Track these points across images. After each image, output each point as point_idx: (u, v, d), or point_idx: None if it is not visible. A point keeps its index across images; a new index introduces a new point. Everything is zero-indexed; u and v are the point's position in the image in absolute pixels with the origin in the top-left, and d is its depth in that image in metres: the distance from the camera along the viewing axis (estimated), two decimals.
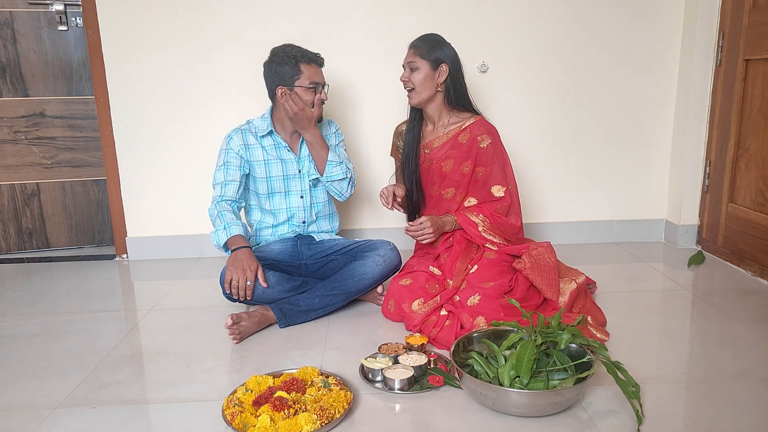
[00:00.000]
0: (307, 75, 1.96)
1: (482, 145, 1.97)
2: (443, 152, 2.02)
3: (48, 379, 1.60)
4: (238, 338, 1.77)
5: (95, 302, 2.18)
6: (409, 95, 2.00)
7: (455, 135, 2.00)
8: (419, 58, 1.95)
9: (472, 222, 1.95)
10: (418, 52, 1.96)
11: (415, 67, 1.95)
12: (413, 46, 1.98)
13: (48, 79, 2.71)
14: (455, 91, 1.99)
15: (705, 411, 1.37)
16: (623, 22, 2.57)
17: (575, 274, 1.97)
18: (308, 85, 1.96)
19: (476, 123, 2.00)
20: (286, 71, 1.96)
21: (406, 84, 1.98)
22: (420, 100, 1.98)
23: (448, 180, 2.02)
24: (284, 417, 1.29)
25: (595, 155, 2.71)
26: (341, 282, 1.95)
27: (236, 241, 1.92)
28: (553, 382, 1.36)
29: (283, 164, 2.07)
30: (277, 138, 2.07)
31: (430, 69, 1.95)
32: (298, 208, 2.12)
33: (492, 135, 1.99)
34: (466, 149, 1.99)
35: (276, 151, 2.07)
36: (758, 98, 2.27)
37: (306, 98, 1.98)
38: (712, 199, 2.56)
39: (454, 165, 2.00)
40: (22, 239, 2.85)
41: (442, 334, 1.72)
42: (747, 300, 2.03)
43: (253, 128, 2.08)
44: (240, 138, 2.05)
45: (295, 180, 2.10)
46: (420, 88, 1.96)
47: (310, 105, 1.98)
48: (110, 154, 2.61)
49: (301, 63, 1.96)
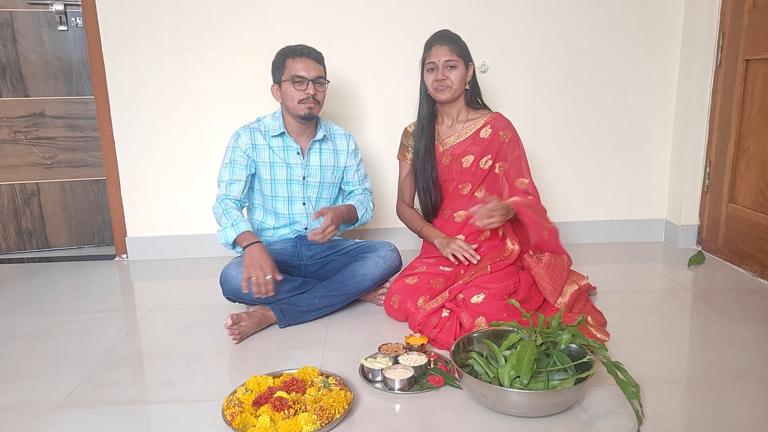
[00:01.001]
0: (290, 68, 1.93)
1: (504, 139, 1.99)
2: (463, 148, 2.02)
3: (48, 379, 1.60)
4: (238, 338, 1.77)
5: (95, 302, 2.18)
6: (440, 92, 1.95)
7: (477, 131, 2.01)
8: (457, 56, 1.94)
9: (527, 213, 1.86)
10: (455, 50, 1.94)
11: (454, 65, 1.94)
12: (446, 44, 1.95)
13: (48, 79, 2.70)
14: (476, 87, 2.03)
15: (705, 411, 1.37)
16: (623, 22, 2.57)
17: (578, 277, 1.97)
18: (291, 79, 1.92)
19: (497, 118, 2.02)
20: (276, 68, 1.97)
21: (443, 82, 1.94)
22: (453, 97, 1.97)
23: (466, 175, 2.02)
24: (284, 417, 1.29)
25: (595, 155, 2.71)
26: (341, 283, 1.95)
27: (246, 238, 1.87)
28: (553, 383, 1.36)
29: (289, 168, 2.04)
30: (288, 140, 2.03)
31: (464, 67, 1.97)
32: (301, 214, 2.08)
33: (512, 129, 2.01)
34: (487, 144, 2.00)
35: (284, 153, 2.03)
36: (758, 98, 2.27)
37: (291, 93, 1.93)
38: (712, 199, 2.56)
39: (474, 160, 2.01)
40: (22, 239, 2.85)
41: (441, 334, 1.72)
42: (747, 300, 2.03)
43: (263, 127, 2.03)
44: (248, 137, 2.01)
45: (299, 186, 2.06)
46: (457, 86, 1.95)
47: (296, 100, 1.93)
48: (110, 154, 2.61)
49: (288, 58, 1.94)
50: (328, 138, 2.09)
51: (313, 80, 1.94)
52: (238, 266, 1.88)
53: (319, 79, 1.96)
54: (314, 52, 1.97)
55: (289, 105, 1.97)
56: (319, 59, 1.98)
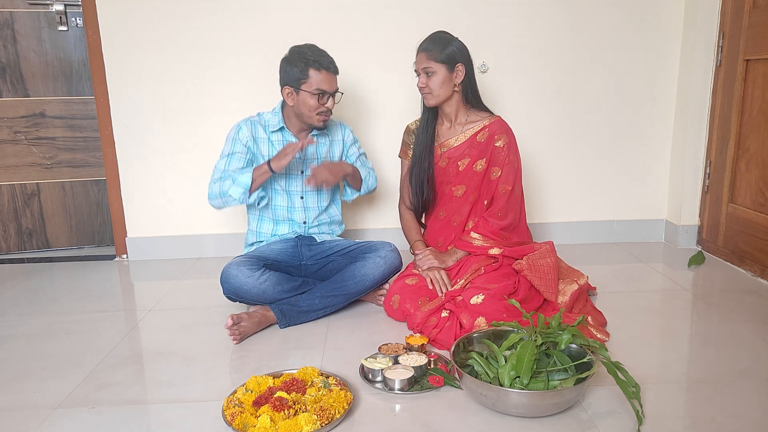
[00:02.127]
0: (314, 81, 1.93)
1: (498, 144, 1.97)
2: (461, 151, 2.02)
3: (48, 379, 1.60)
4: (238, 339, 1.77)
5: (95, 302, 2.18)
6: (425, 97, 1.97)
7: (474, 134, 2.00)
8: (434, 62, 1.91)
9: (469, 243, 1.97)
10: (432, 56, 1.91)
11: (431, 72, 1.91)
12: (424, 50, 1.93)
13: (48, 79, 2.70)
14: (472, 88, 2.00)
15: (705, 411, 1.37)
16: (623, 22, 2.57)
17: (577, 275, 1.97)
18: (313, 91, 1.94)
19: (496, 122, 2.00)
20: (294, 72, 1.94)
21: (424, 90, 1.94)
22: (438, 102, 1.97)
23: (460, 177, 2.02)
24: (284, 417, 1.29)
25: (596, 155, 2.71)
26: (342, 283, 1.95)
27: (255, 170, 1.93)
28: (553, 383, 1.36)
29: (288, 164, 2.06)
30: (287, 135, 2.06)
31: (446, 71, 1.92)
32: (299, 208, 2.11)
33: (509, 136, 1.99)
34: (482, 147, 1.99)
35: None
36: (758, 98, 2.27)
37: (309, 103, 1.96)
38: (712, 200, 2.56)
39: (470, 163, 2.00)
40: (22, 239, 2.85)
41: (441, 334, 1.72)
42: (747, 300, 2.03)
43: (263, 121, 2.06)
44: (249, 129, 2.03)
45: (297, 180, 2.09)
46: (438, 92, 1.94)
47: (313, 111, 1.96)
48: (110, 154, 2.61)
49: (311, 68, 1.93)
50: (324, 131, 2.11)
51: (332, 94, 1.98)
52: (239, 265, 1.89)
53: (336, 93, 2.00)
54: (334, 65, 1.98)
55: (303, 112, 1.98)
56: (337, 72, 2.00)
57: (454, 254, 1.99)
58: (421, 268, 1.97)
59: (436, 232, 2.11)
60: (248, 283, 1.86)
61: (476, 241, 1.95)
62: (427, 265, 1.96)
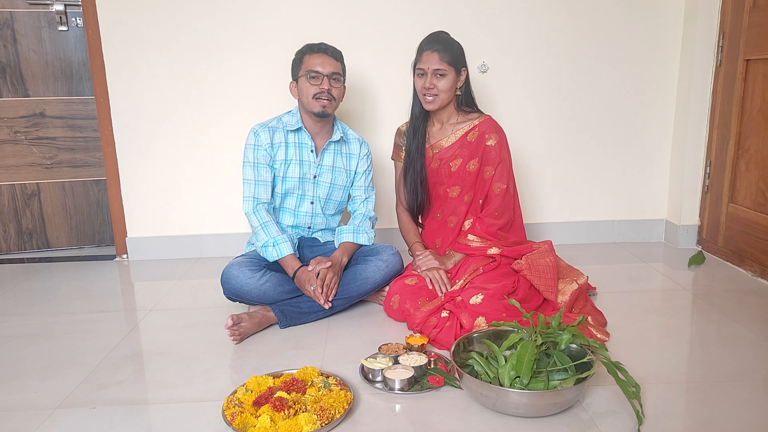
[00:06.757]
0: (306, 64, 1.94)
1: (489, 143, 1.97)
2: (452, 152, 2.02)
3: (48, 379, 1.60)
4: (238, 339, 1.77)
5: (95, 302, 2.18)
6: (428, 101, 1.94)
7: (465, 134, 2.00)
8: (447, 65, 1.89)
9: (467, 246, 1.97)
10: (444, 57, 1.89)
11: (443, 74, 1.90)
12: (436, 50, 1.89)
13: (48, 79, 2.70)
14: (467, 92, 2.00)
15: (705, 411, 1.37)
16: (623, 22, 2.57)
17: (577, 274, 1.97)
18: (308, 75, 1.92)
19: (485, 122, 2.00)
20: (294, 65, 1.98)
21: (431, 91, 1.92)
22: (440, 105, 1.95)
23: (454, 178, 2.02)
24: (284, 417, 1.29)
25: (596, 155, 2.71)
26: (343, 286, 1.94)
27: (290, 263, 1.92)
28: (554, 383, 1.36)
29: (302, 166, 2.04)
30: (304, 136, 2.03)
31: (455, 74, 1.93)
32: (306, 213, 2.09)
33: (499, 134, 1.99)
34: (474, 147, 1.99)
35: (299, 151, 2.03)
36: (758, 98, 2.27)
37: (306, 88, 1.94)
38: (712, 200, 2.56)
39: (462, 163, 2.00)
40: (22, 239, 2.85)
41: (441, 334, 1.72)
42: (747, 300, 2.03)
43: (281, 124, 2.03)
44: (267, 135, 1.99)
45: (309, 184, 2.06)
46: (444, 95, 1.93)
47: (311, 96, 1.93)
48: (110, 154, 2.61)
49: (305, 54, 1.95)
50: (344, 140, 2.09)
51: (328, 76, 1.93)
52: (240, 266, 1.90)
53: (335, 75, 1.95)
54: (332, 49, 1.97)
55: (304, 101, 1.97)
56: (337, 56, 1.98)
57: (452, 257, 1.99)
58: (420, 268, 1.97)
59: (433, 233, 2.11)
60: (249, 284, 1.87)
61: (473, 243, 1.95)
62: (427, 266, 1.96)
